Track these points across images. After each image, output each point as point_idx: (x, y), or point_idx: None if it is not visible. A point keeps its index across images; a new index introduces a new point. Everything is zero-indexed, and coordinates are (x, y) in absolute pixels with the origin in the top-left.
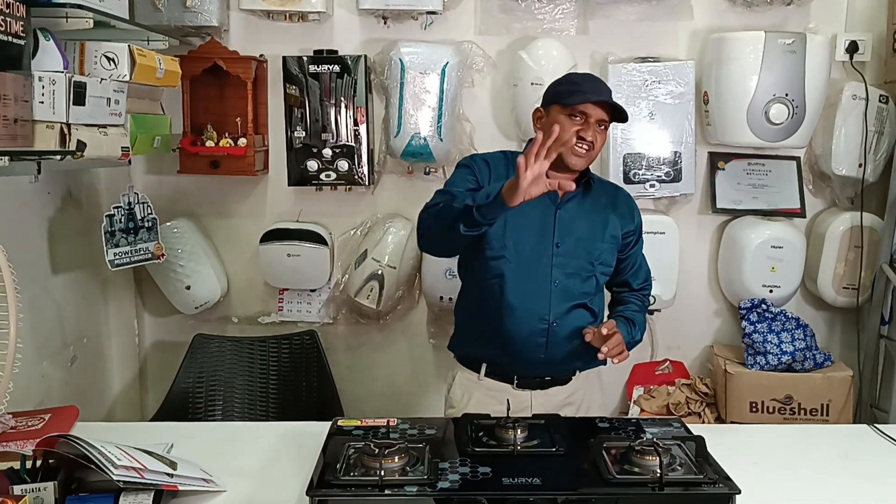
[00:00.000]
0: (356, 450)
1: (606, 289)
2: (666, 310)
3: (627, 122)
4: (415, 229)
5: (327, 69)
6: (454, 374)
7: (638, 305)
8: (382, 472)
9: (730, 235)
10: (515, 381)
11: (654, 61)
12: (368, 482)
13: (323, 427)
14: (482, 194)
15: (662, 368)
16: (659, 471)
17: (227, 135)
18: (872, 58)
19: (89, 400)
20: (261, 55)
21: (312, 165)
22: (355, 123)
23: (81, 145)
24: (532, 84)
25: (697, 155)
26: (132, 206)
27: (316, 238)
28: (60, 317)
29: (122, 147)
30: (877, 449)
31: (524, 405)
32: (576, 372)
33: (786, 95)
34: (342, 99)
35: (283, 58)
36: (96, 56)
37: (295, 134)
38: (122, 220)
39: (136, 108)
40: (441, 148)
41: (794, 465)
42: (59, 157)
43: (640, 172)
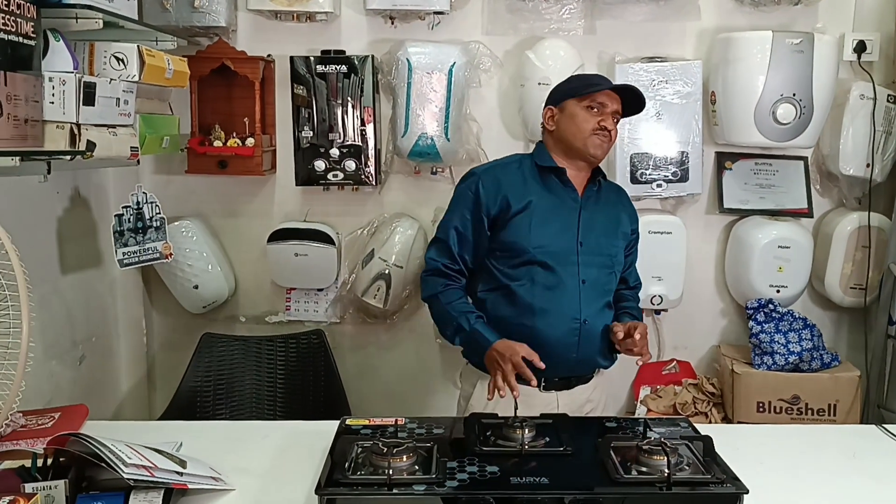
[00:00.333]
0: (364, 449)
1: None
2: (673, 309)
3: (634, 122)
4: (421, 229)
5: (335, 69)
6: (474, 383)
7: (634, 302)
8: (391, 471)
9: (737, 235)
10: (542, 384)
11: (662, 61)
12: (377, 481)
13: (331, 426)
14: (469, 336)
15: (669, 368)
16: (666, 470)
17: (235, 135)
18: (880, 58)
19: (98, 399)
20: (268, 55)
21: (320, 165)
22: (362, 123)
23: (91, 145)
24: (539, 84)
25: (704, 155)
26: (141, 206)
27: (323, 238)
28: (69, 316)
29: (132, 147)
30: (884, 449)
31: (550, 407)
32: (596, 370)
33: (793, 95)
34: (349, 99)
35: (291, 58)
36: (106, 56)
37: (302, 134)
38: (131, 220)
39: (145, 109)
40: (448, 148)
41: (802, 466)
42: (69, 158)
43: (647, 172)
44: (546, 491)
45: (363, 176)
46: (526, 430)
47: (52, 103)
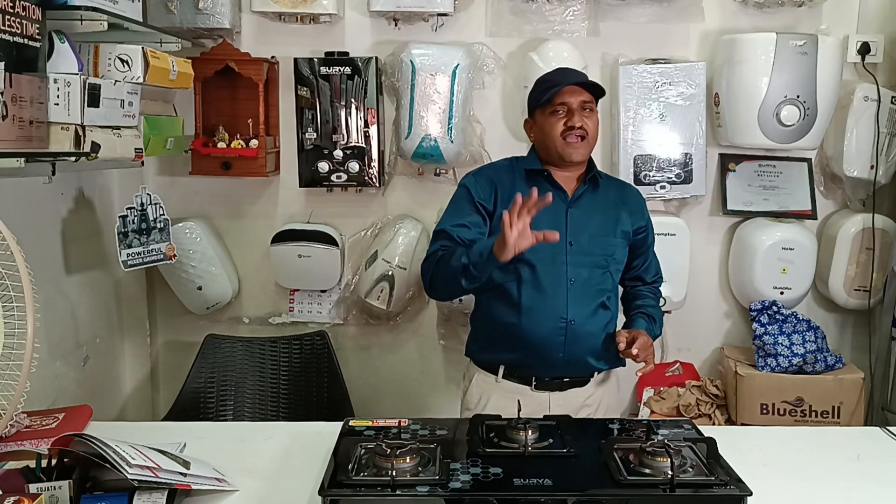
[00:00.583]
0: (368, 450)
1: (619, 283)
2: (676, 311)
3: (637, 124)
4: (425, 230)
5: (338, 71)
6: (471, 377)
7: (653, 299)
8: (394, 473)
9: (741, 237)
10: (534, 383)
11: (665, 63)
12: (380, 482)
13: (334, 427)
14: (476, 251)
15: (673, 370)
16: (670, 472)
17: (239, 136)
18: (884, 59)
19: (101, 399)
20: (272, 57)
21: (323, 167)
22: (366, 125)
23: (96, 147)
24: None
25: (708, 156)
26: (145, 207)
27: (327, 239)
28: (73, 317)
29: (136, 148)
30: (888, 451)
31: (542, 407)
32: (594, 373)
33: (797, 97)
34: (353, 100)
35: (295, 59)
36: (110, 58)
37: (306, 135)
38: (135, 221)
39: (150, 110)
40: (451, 149)
41: (805, 468)
42: (74, 159)
43: (651, 174)
44: (549, 492)
45: (367, 177)
46: (529, 432)
47: (57, 105)
